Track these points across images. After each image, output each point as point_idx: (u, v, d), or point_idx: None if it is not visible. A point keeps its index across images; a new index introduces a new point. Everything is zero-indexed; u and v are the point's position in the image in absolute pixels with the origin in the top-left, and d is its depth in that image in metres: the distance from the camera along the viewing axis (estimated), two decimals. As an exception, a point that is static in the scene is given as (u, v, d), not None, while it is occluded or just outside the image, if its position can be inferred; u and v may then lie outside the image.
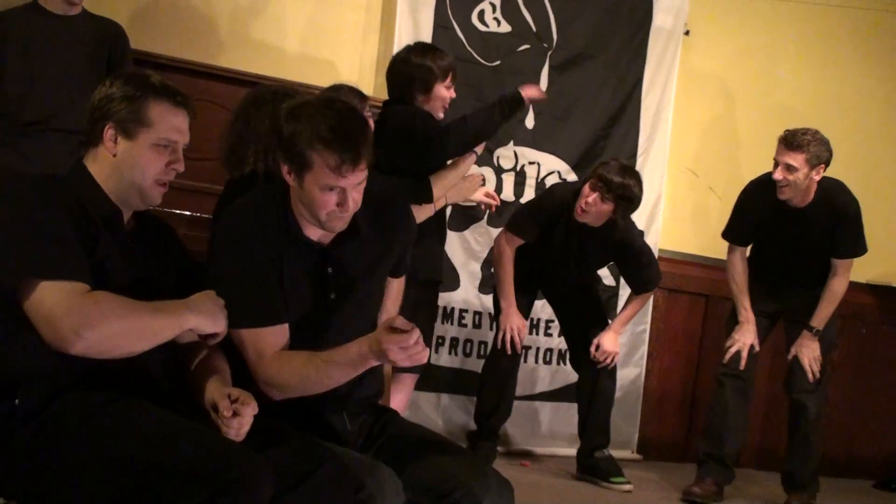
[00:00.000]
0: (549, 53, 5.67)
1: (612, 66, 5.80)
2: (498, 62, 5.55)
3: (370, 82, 5.37)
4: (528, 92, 4.47)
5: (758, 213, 5.06)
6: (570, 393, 5.70)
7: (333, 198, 2.62)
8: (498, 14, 5.57)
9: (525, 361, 5.64)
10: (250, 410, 2.43)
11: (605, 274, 5.79)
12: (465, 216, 5.32)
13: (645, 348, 5.92)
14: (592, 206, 4.76)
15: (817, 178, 4.79)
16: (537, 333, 5.70)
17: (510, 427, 5.59)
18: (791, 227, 4.95)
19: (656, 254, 5.80)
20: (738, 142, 6.25)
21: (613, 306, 5.78)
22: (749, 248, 5.21)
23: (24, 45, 4.17)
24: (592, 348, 5.03)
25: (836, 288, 4.97)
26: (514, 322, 4.95)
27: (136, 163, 2.56)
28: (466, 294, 5.53)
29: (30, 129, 4.15)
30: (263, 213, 2.72)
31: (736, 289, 5.12)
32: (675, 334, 6.05)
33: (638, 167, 5.71)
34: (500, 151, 5.55)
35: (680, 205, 6.16)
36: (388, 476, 2.60)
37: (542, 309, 5.69)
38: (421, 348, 2.48)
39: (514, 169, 5.60)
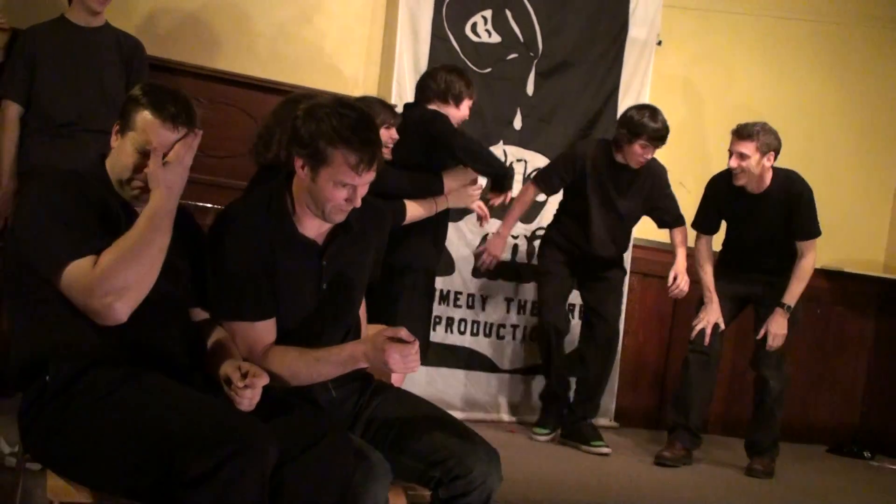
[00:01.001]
0: (535, 61, 5.65)
1: (591, 73, 5.77)
2: (489, 69, 5.53)
3: (374, 87, 5.36)
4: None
5: (720, 201, 5.10)
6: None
7: (344, 193, 2.61)
8: (489, 26, 5.55)
9: (513, 339, 5.65)
10: (261, 383, 2.41)
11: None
12: (460, 210, 5.30)
13: (622, 326, 5.90)
14: (643, 159, 4.97)
15: (768, 164, 4.86)
16: (524, 313, 5.69)
17: (501, 397, 5.61)
18: (750, 212, 4.98)
19: (632, 242, 5.81)
20: (706, 141, 6.23)
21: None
22: (713, 237, 5.23)
23: (54, 54, 4.17)
24: (670, 279, 5.09)
25: (805, 266, 4.96)
26: (489, 247, 5.05)
27: (119, 159, 2.55)
28: (461, 278, 5.52)
29: (64, 129, 4.15)
30: (260, 214, 2.69)
31: (702, 272, 5.12)
32: (648, 314, 6.04)
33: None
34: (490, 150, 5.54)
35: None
36: (377, 459, 2.57)
37: (529, 291, 5.68)
38: (417, 358, 2.52)
39: (503, 165, 5.58)
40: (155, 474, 2.25)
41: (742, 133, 4.85)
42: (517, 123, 5.62)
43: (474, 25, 5.51)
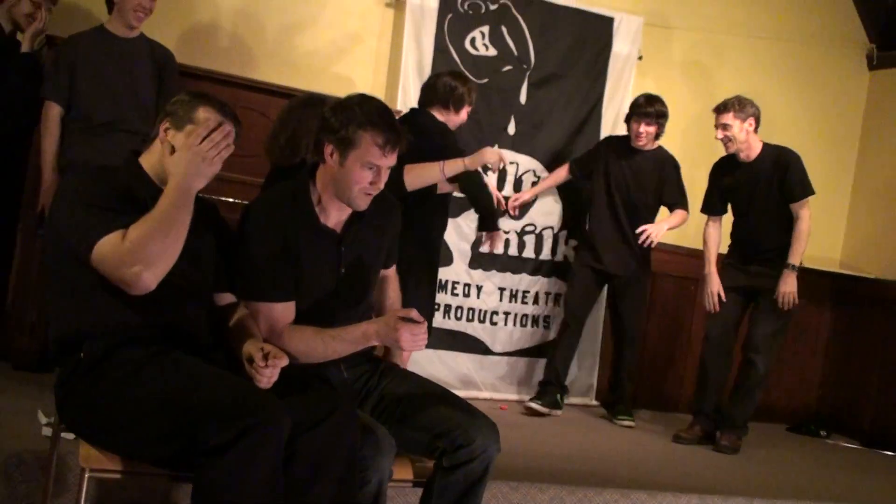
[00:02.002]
0: (528, 73, 5.61)
1: (578, 84, 5.74)
2: (486, 80, 5.49)
3: (381, 94, 5.33)
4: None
5: (720, 178, 5.16)
6: (542, 351, 5.67)
7: (369, 176, 2.63)
8: (486, 40, 5.52)
9: (505, 325, 5.62)
10: (281, 364, 2.40)
11: (570, 254, 5.74)
12: (458, 206, 5.27)
13: (602, 315, 5.87)
14: (643, 134, 5.22)
15: (751, 128, 4.96)
16: (515, 301, 5.66)
17: (493, 378, 5.58)
18: (747, 181, 4.97)
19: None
20: (682, 148, 6.20)
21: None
22: (721, 224, 5.23)
23: (94, 61, 4.15)
24: (644, 234, 5.21)
25: (802, 227, 4.91)
26: (519, 196, 5.46)
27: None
28: (458, 269, 5.49)
29: (102, 129, 4.13)
30: (284, 205, 2.71)
31: (706, 251, 5.16)
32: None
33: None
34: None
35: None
36: (383, 435, 2.57)
37: (520, 281, 5.65)
38: (425, 337, 2.52)
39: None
40: (180, 444, 2.25)
41: (720, 108, 4.98)
42: (511, 129, 5.58)
43: (473, 40, 5.49)
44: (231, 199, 4.40)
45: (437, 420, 2.65)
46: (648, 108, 5.21)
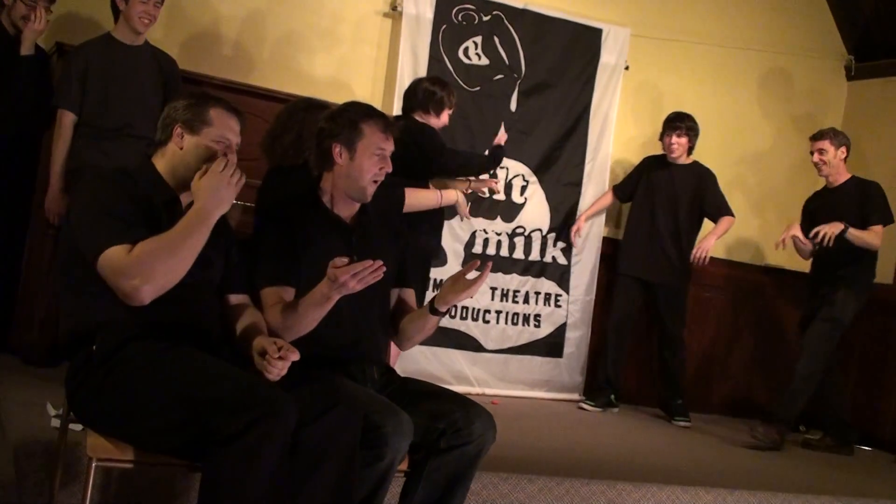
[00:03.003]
0: (519, 82, 5.64)
1: (567, 92, 5.76)
2: (478, 88, 5.52)
3: (379, 101, 5.35)
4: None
5: (809, 202, 5.40)
6: (532, 348, 5.72)
7: (378, 162, 2.83)
8: (479, 50, 5.55)
9: (497, 323, 5.64)
10: (293, 357, 2.42)
11: (558, 254, 5.77)
12: (451, 210, 5.28)
13: (591, 315, 5.89)
14: (676, 145, 5.45)
15: (843, 156, 5.18)
16: (506, 300, 5.68)
17: (485, 373, 5.59)
18: (826, 205, 5.14)
19: (599, 241, 5.83)
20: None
21: (567, 280, 5.78)
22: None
23: (103, 68, 4.16)
24: (694, 250, 5.37)
25: (872, 237, 5.00)
26: (574, 228, 5.70)
27: (195, 154, 2.55)
28: (451, 268, 5.49)
29: (110, 134, 4.14)
30: (298, 202, 2.89)
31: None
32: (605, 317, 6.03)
33: (585, 174, 5.82)
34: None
35: (619, 203, 6.14)
36: (404, 418, 2.61)
37: (510, 281, 5.67)
38: (370, 272, 2.50)
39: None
40: (191, 433, 2.26)
41: (816, 135, 5.23)
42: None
43: (466, 49, 5.51)
44: (233, 201, 4.40)
45: (439, 405, 2.74)
46: (678, 122, 5.45)
